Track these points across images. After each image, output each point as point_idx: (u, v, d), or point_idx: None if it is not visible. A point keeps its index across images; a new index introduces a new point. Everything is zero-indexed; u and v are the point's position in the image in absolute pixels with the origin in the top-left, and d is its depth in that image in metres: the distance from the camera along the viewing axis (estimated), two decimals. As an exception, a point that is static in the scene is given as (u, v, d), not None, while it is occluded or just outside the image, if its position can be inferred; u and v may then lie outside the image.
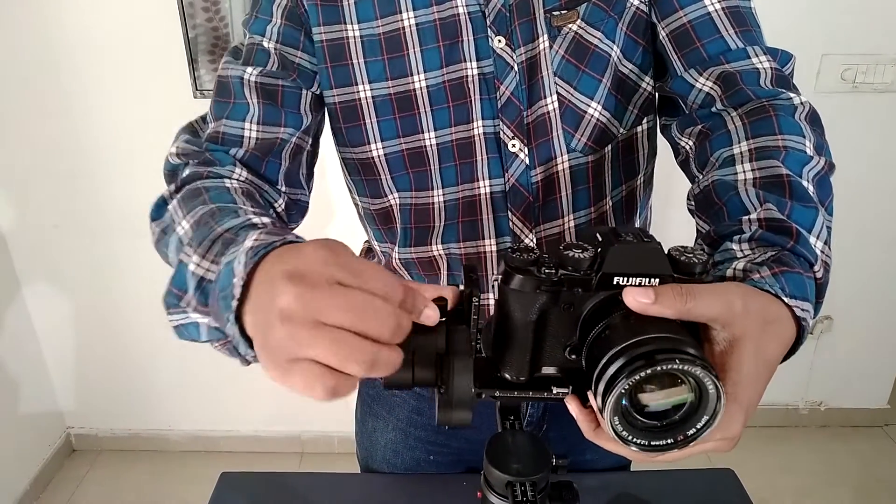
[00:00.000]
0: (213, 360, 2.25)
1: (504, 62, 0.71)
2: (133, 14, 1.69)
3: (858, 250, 2.06)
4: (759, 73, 0.66)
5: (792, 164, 0.58)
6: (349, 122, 0.75)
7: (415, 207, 0.78)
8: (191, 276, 0.51)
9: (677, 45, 0.70)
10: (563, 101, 0.72)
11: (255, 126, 0.70)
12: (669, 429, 0.41)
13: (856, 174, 1.95)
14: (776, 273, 0.49)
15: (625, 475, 0.94)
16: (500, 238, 0.76)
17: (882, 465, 2.18)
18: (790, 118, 0.62)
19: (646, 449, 0.41)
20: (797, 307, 0.48)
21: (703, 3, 0.69)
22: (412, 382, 0.42)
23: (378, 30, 0.71)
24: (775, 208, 0.54)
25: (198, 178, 0.65)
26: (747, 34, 0.68)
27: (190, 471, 2.13)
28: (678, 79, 0.71)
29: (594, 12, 0.70)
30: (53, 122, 1.82)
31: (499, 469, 0.52)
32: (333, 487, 0.85)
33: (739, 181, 0.58)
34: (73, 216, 1.94)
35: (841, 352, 2.21)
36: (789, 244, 0.52)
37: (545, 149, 0.74)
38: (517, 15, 0.70)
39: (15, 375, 2.02)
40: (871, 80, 1.80)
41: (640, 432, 0.41)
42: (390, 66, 0.71)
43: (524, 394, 0.46)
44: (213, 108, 0.72)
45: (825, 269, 0.54)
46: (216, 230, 0.52)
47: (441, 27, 0.70)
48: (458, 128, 0.73)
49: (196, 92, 1.72)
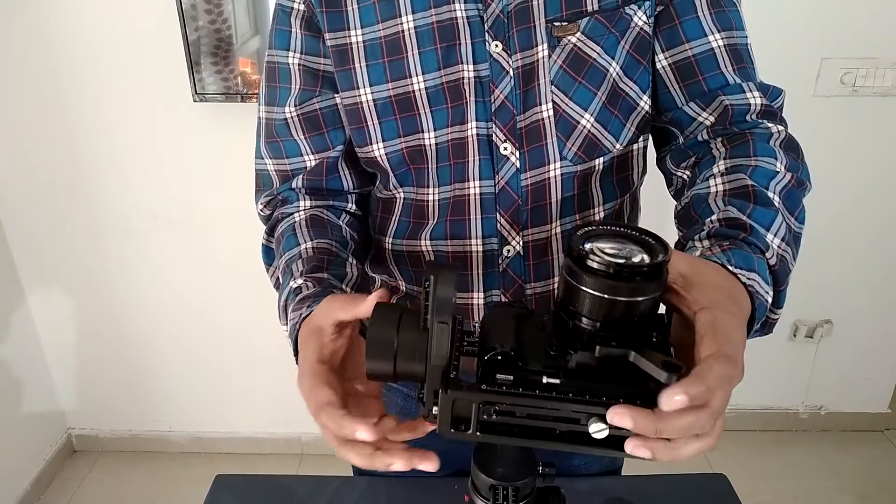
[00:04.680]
0: (214, 363, 2.27)
1: (500, 66, 0.72)
2: (134, 18, 1.70)
3: (858, 254, 2.06)
4: (749, 108, 0.72)
5: (759, 177, 0.64)
6: (353, 124, 0.77)
7: (415, 203, 0.80)
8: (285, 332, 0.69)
9: (680, 77, 0.74)
10: (558, 109, 0.73)
11: (310, 156, 0.81)
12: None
13: (855, 178, 1.95)
14: (724, 249, 0.56)
15: (615, 479, 0.94)
16: (487, 239, 0.77)
17: (883, 470, 2.18)
18: (765, 144, 0.68)
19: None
20: (742, 275, 0.53)
21: (707, 39, 0.72)
22: (394, 375, 0.47)
23: (379, 33, 0.73)
24: (735, 209, 0.61)
25: (277, 223, 0.81)
26: (744, 70, 0.73)
27: (190, 472, 2.15)
28: (678, 110, 0.75)
29: (595, 27, 0.71)
30: (55, 124, 1.83)
31: (484, 472, 0.52)
32: (327, 490, 0.86)
33: (711, 194, 0.65)
34: (75, 218, 1.95)
35: (842, 356, 2.21)
36: (741, 235, 0.58)
37: (537, 154, 0.75)
38: (515, 21, 0.71)
39: (17, 376, 2.03)
40: (870, 84, 1.80)
41: None
42: (390, 68, 0.73)
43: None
44: (267, 149, 0.83)
45: (781, 261, 0.59)
46: (282, 301, 0.69)
47: (439, 30, 0.72)
48: (454, 128, 0.75)
49: (196, 96, 1.72)
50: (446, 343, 0.43)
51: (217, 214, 1.91)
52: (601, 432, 0.43)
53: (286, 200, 0.82)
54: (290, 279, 0.69)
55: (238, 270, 1.96)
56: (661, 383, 0.42)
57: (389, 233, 0.83)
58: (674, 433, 0.44)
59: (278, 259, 0.76)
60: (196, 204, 1.93)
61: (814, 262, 2.06)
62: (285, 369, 2.30)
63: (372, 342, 0.48)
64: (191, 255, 1.99)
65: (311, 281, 0.68)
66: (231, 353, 2.13)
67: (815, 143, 1.93)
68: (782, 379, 2.26)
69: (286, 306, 0.68)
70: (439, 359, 0.44)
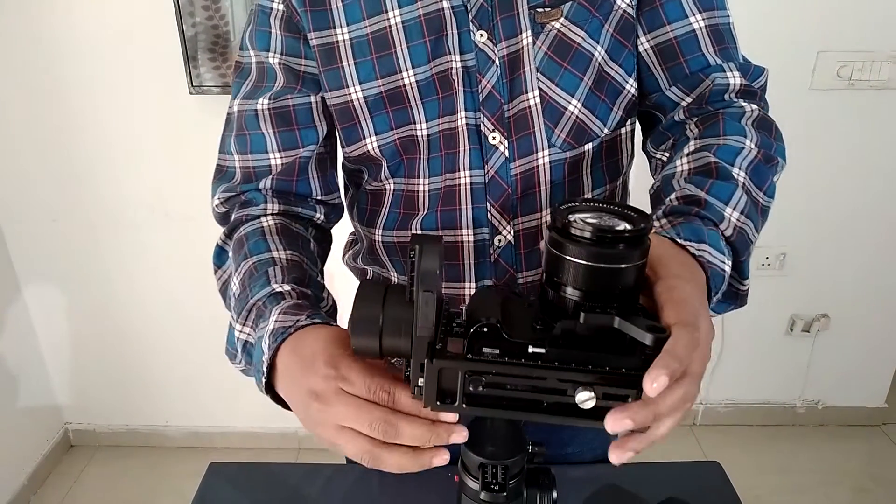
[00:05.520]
0: (210, 358, 2.27)
1: (486, 56, 0.72)
2: (130, 12, 1.71)
3: (855, 249, 2.07)
4: (728, 87, 0.73)
5: (724, 154, 0.65)
6: (344, 122, 0.77)
7: (405, 193, 0.80)
8: (237, 339, 0.66)
9: (662, 59, 0.75)
10: (545, 96, 0.73)
11: (277, 154, 0.77)
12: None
13: (851, 171, 1.97)
14: (674, 224, 0.58)
15: (610, 467, 0.94)
16: (478, 229, 0.77)
17: (879, 464, 2.19)
18: (736, 122, 0.69)
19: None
20: (690, 247, 0.55)
21: (688, 20, 0.73)
22: (380, 351, 0.48)
23: (366, 30, 0.72)
24: (694, 187, 0.63)
25: (239, 224, 0.76)
26: (725, 51, 0.74)
27: (186, 466, 2.15)
28: (662, 94, 0.76)
29: (578, 11, 0.72)
30: (50, 117, 1.84)
31: (473, 451, 0.52)
32: (320, 477, 0.86)
33: (675, 174, 0.67)
34: (71, 211, 1.96)
35: (838, 351, 2.22)
36: (694, 210, 0.61)
37: (526, 142, 0.75)
38: (499, 10, 0.71)
39: (13, 371, 2.04)
40: (866, 77, 1.81)
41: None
42: (379, 64, 0.73)
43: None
44: (234, 143, 0.78)
45: (740, 233, 0.61)
46: (250, 301, 0.65)
47: (426, 22, 0.71)
48: (445, 118, 0.74)
49: (192, 88, 1.73)
50: (432, 313, 0.43)
51: (210, 208, 1.92)
52: (588, 402, 0.43)
53: (250, 202, 0.78)
54: (266, 283, 0.66)
55: None
56: (646, 352, 0.42)
57: (379, 224, 0.83)
58: (671, 411, 0.45)
59: (239, 261, 0.71)
60: (192, 198, 1.93)
61: (810, 256, 2.08)
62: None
63: (357, 318, 0.48)
64: (186, 249, 2.00)
65: (296, 292, 0.65)
66: (227, 348, 2.13)
67: (811, 136, 1.95)
68: (779, 373, 2.27)
69: (257, 309, 0.64)
70: (425, 329, 0.44)
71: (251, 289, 0.66)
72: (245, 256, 0.70)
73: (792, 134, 2.14)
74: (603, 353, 0.44)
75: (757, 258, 2.06)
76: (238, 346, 0.66)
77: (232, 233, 0.77)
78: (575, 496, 0.80)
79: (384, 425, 0.50)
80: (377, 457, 0.51)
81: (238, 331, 0.65)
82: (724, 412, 2.32)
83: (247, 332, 0.65)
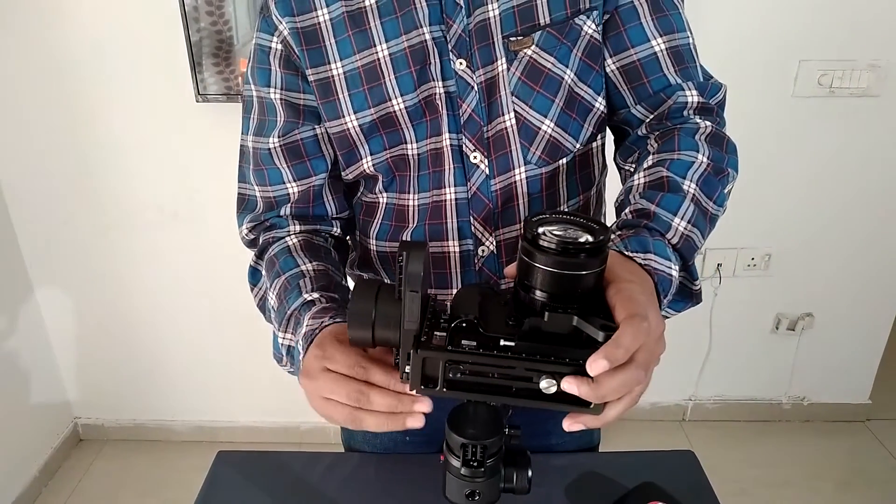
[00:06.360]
0: (216, 355, 2.32)
1: (465, 82, 0.78)
2: (138, 19, 1.74)
3: (838, 250, 2.11)
4: (686, 104, 0.78)
5: (676, 168, 0.71)
6: (343, 149, 0.83)
7: (396, 207, 0.85)
8: (281, 345, 0.74)
9: (628, 79, 0.80)
10: (520, 118, 0.79)
11: (293, 184, 0.85)
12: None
13: (833, 176, 2.00)
14: (622, 237, 0.64)
15: (590, 456, 0.98)
16: (463, 240, 0.83)
17: (863, 460, 2.22)
18: (690, 138, 0.74)
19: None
20: (637, 257, 0.61)
21: (650, 43, 0.78)
22: (373, 341, 0.55)
23: (357, 64, 0.78)
24: (646, 201, 0.68)
25: (267, 245, 0.85)
26: (685, 71, 0.78)
27: (192, 460, 2.18)
28: (628, 111, 0.81)
29: (548, 39, 0.77)
30: (61, 122, 1.87)
31: (456, 433, 0.58)
32: (321, 464, 0.90)
33: (633, 187, 0.72)
34: (81, 213, 1.99)
35: (823, 347, 2.25)
36: (643, 223, 0.66)
37: (503, 161, 0.80)
38: (476, 39, 0.76)
39: (25, 367, 2.08)
40: (847, 85, 1.85)
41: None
42: (371, 94, 0.78)
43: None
44: (253, 176, 0.87)
45: (686, 240, 0.67)
46: (287, 312, 0.74)
47: (411, 54, 0.77)
48: (432, 139, 0.80)
49: (198, 96, 1.76)
50: (417, 310, 0.50)
51: (218, 209, 1.95)
52: (550, 388, 0.50)
53: (274, 226, 0.86)
54: (299, 294, 0.74)
55: (239, 263, 1.97)
56: (599, 346, 0.49)
57: (372, 234, 0.88)
58: (613, 393, 0.51)
59: (273, 278, 0.79)
60: (198, 199, 1.97)
61: (794, 257, 2.11)
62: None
63: (353, 312, 0.55)
64: (193, 249, 2.03)
65: (325, 297, 0.74)
66: (232, 345, 2.17)
67: (794, 141, 2.01)
68: (766, 371, 2.30)
69: (295, 318, 0.73)
70: (411, 323, 0.51)
71: (287, 301, 0.75)
72: (278, 274, 0.79)
73: (775, 139, 2.21)
74: (563, 346, 0.51)
75: (743, 259, 2.11)
76: (283, 351, 0.74)
77: (262, 254, 0.85)
78: (557, 482, 0.85)
79: (358, 395, 0.59)
80: (358, 419, 0.60)
81: (281, 338, 0.74)
82: (713, 408, 2.36)
83: (289, 338, 0.73)
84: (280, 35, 0.79)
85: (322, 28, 0.78)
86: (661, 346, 0.55)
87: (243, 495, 0.85)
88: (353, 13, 0.77)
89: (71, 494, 2.11)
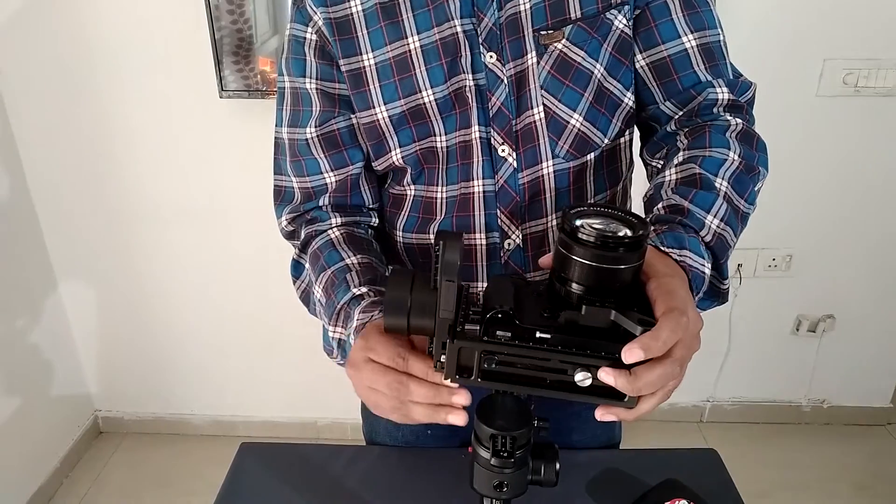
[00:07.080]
0: (234, 350, 2.34)
1: (495, 76, 0.78)
2: (165, 18, 1.77)
3: (860, 251, 2.09)
4: (717, 102, 0.78)
5: (708, 166, 0.71)
6: (372, 140, 0.83)
7: (424, 199, 0.85)
8: (332, 338, 0.76)
9: (658, 76, 0.80)
10: (549, 111, 0.79)
11: (331, 174, 0.85)
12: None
13: (857, 176, 1.98)
14: (658, 233, 0.64)
15: (612, 453, 0.98)
16: (490, 233, 0.83)
17: (884, 464, 2.20)
18: (720, 135, 0.74)
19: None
20: (673, 253, 0.61)
21: (681, 40, 0.78)
22: (407, 329, 0.55)
23: (388, 55, 0.78)
24: (679, 196, 0.68)
25: (310, 239, 0.86)
26: (715, 68, 0.78)
27: (209, 453, 2.21)
28: (657, 107, 0.81)
29: (578, 33, 0.77)
30: (90, 117, 1.90)
31: (485, 424, 0.58)
32: (342, 457, 0.91)
33: (664, 183, 0.72)
34: (105, 208, 2.02)
35: (844, 350, 2.23)
36: (678, 219, 0.66)
37: (531, 154, 0.80)
38: (507, 33, 0.77)
39: (48, 360, 2.11)
40: (872, 85, 1.83)
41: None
42: (401, 85, 0.79)
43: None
44: (290, 167, 0.87)
45: (719, 238, 0.67)
46: (337, 306, 0.75)
47: (442, 46, 0.77)
48: (461, 132, 0.80)
49: (221, 92, 1.78)
50: (452, 299, 0.50)
51: (239, 205, 1.97)
52: (586, 381, 0.50)
53: (316, 219, 0.87)
54: (347, 289, 0.75)
55: (258, 260, 2.02)
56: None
57: (399, 226, 0.89)
58: (649, 387, 0.51)
59: (318, 272, 0.80)
60: (221, 197, 1.99)
61: (816, 258, 2.09)
62: (302, 356, 2.37)
63: (388, 301, 0.55)
64: (213, 245, 2.05)
65: (373, 291, 0.74)
66: (250, 341, 2.19)
67: (817, 141, 1.99)
68: (785, 373, 2.28)
69: (345, 312, 0.74)
70: (447, 312, 0.51)
71: (336, 295, 0.76)
72: (323, 268, 0.80)
73: (799, 138, 2.19)
74: (600, 340, 0.51)
75: (764, 260, 2.09)
76: (334, 345, 0.76)
77: (305, 247, 0.86)
78: (579, 478, 0.85)
79: (398, 385, 0.61)
80: (405, 411, 0.62)
81: (332, 331, 0.75)
82: (731, 409, 2.35)
83: (339, 332, 0.74)
84: (315, 25, 0.80)
85: (354, 19, 0.78)
86: (697, 344, 0.55)
87: (266, 486, 0.86)
88: (386, 5, 0.78)
89: (91, 486, 2.14)
